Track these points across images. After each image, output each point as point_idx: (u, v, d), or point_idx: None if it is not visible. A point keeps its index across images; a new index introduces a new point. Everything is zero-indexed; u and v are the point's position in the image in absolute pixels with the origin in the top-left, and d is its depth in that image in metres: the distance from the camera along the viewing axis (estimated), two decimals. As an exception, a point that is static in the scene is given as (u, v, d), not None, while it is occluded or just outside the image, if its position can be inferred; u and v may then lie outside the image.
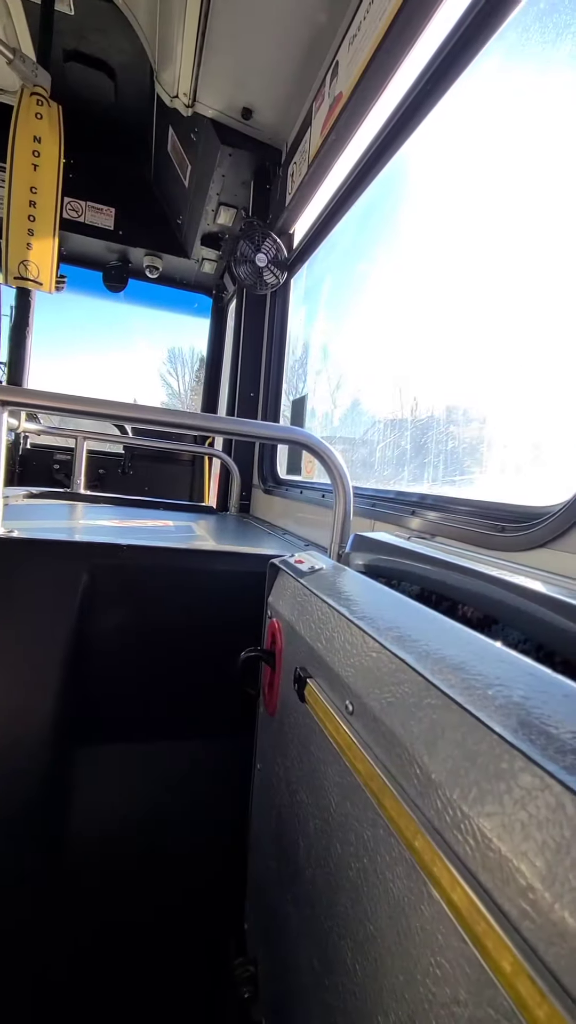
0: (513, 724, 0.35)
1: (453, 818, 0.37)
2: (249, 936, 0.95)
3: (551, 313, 1.09)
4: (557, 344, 1.07)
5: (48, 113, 2.05)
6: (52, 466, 3.10)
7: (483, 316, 1.33)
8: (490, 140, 1.35)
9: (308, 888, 0.65)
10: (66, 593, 1.02)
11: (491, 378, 1.29)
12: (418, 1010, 0.40)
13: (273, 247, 2.13)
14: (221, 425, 1.24)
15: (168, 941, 1.13)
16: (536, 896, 0.29)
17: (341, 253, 2.25)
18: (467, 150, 1.44)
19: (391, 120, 1.48)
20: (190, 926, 1.14)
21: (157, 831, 1.12)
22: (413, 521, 1.18)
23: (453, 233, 1.54)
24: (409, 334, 1.74)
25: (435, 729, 0.41)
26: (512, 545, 0.86)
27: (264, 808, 0.91)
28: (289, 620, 0.80)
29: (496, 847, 0.33)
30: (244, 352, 2.50)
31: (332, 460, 1.11)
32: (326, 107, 1.66)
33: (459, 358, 1.44)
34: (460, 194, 1.51)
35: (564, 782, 0.29)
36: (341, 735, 0.54)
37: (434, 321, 1.58)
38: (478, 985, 0.33)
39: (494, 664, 0.43)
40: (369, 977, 0.49)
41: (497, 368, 1.26)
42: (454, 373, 1.47)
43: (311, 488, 1.93)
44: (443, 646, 0.49)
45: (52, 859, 1.01)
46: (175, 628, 1.12)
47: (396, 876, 0.44)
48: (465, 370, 1.41)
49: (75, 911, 1.05)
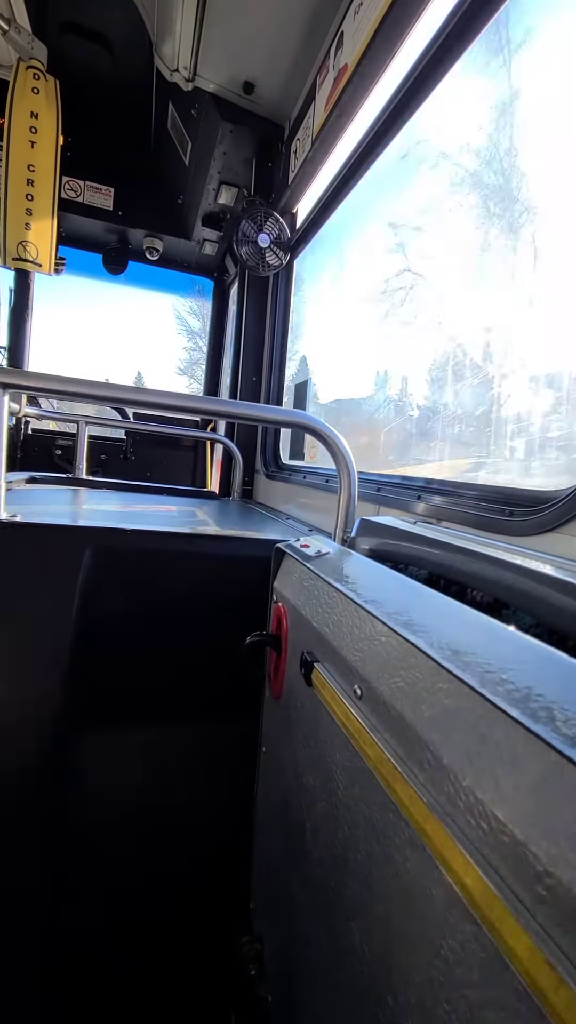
0: (529, 709, 0.34)
1: (466, 803, 0.37)
2: (255, 915, 0.96)
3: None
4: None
5: (45, 87, 2.00)
6: (54, 452, 3.08)
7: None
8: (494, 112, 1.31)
9: (315, 869, 0.65)
10: (69, 577, 1.01)
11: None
12: (428, 991, 0.40)
13: (276, 227, 2.09)
14: (224, 408, 1.22)
15: (174, 920, 1.14)
16: (554, 882, 0.29)
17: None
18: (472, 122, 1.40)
19: (398, 93, 1.43)
20: (196, 906, 1.16)
21: (161, 813, 1.13)
22: (418, 506, 1.17)
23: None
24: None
25: (447, 714, 0.41)
26: (520, 529, 0.85)
27: (269, 791, 0.91)
28: (295, 604, 0.79)
29: (511, 832, 0.32)
30: (246, 335, 2.47)
31: (337, 444, 1.10)
32: (330, 80, 1.61)
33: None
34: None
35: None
36: (350, 720, 0.54)
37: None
38: (491, 968, 0.33)
39: (507, 648, 0.43)
40: (377, 957, 0.49)
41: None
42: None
43: (314, 473, 1.91)
44: (454, 630, 0.48)
45: (56, 839, 1.02)
46: (179, 613, 1.12)
47: (406, 859, 0.44)
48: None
49: (80, 891, 1.06)
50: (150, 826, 1.12)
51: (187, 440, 3.40)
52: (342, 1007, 0.56)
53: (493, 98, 1.42)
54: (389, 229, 2.08)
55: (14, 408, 2.36)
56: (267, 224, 2.08)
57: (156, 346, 19.80)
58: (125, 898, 1.11)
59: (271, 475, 2.36)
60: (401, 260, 1.99)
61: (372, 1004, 0.49)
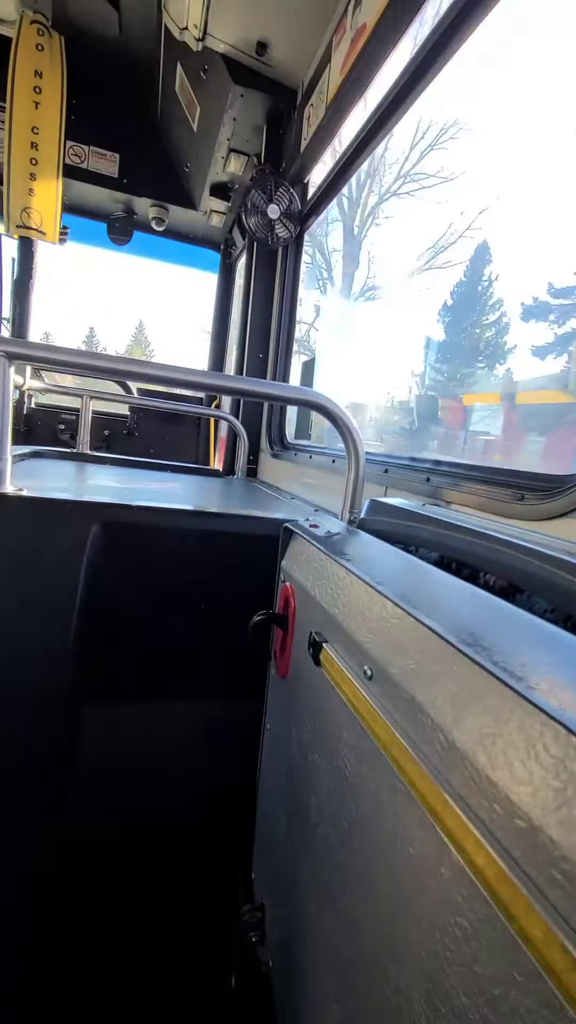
0: (546, 693, 0.34)
1: (479, 785, 0.37)
2: (257, 885, 0.98)
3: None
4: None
5: (49, 44, 1.92)
6: (57, 426, 3.06)
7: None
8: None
9: (319, 843, 0.66)
10: (75, 552, 1.01)
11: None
12: (435, 966, 0.40)
13: (286, 197, 2.03)
14: (230, 384, 1.20)
15: (177, 889, 1.17)
16: (571, 866, 0.29)
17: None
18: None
19: (419, 55, 1.36)
20: (199, 876, 1.18)
21: (165, 785, 1.15)
22: (427, 488, 1.16)
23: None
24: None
25: (462, 697, 0.41)
26: (532, 514, 0.84)
27: (273, 766, 0.93)
28: (303, 584, 0.79)
29: (525, 815, 0.32)
30: (253, 310, 2.42)
31: (346, 423, 1.08)
32: (347, 41, 1.54)
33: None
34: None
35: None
36: (359, 700, 0.54)
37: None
38: (501, 948, 0.33)
39: (523, 632, 0.42)
40: (381, 929, 0.50)
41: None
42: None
43: (320, 453, 1.90)
44: (468, 613, 0.48)
45: (60, 812, 1.04)
46: (184, 590, 1.12)
47: (415, 838, 0.44)
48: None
49: (84, 861, 1.08)
50: (154, 797, 1.14)
51: (191, 417, 3.37)
52: (342, 973, 0.58)
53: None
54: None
55: (18, 381, 2.33)
56: (277, 194, 2.02)
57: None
58: (129, 866, 1.13)
59: (276, 454, 2.34)
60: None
61: (374, 972, 0.50)
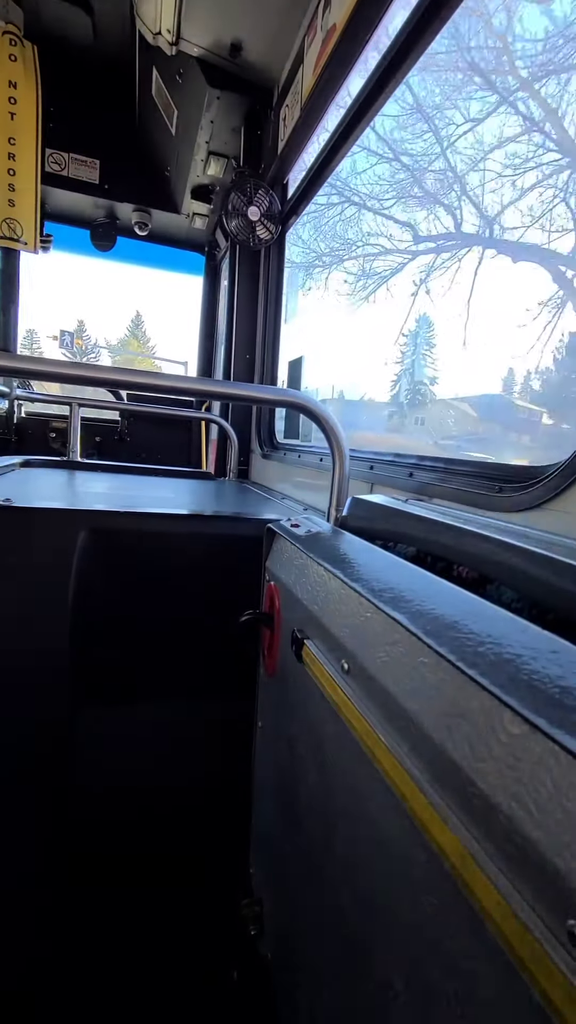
0: (503, 680, 0.36)
1: (445, 769, 0.38)
2: (255, 879, 1.00)
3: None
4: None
5: (22, 54, 1.93)
6: (48, 435, 3.07)
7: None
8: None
9: (309, 835, 0.68)
10: (64, 560, 1.02)
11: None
12: (412, 941, 0.42)
13: (266, 198, 2.04)
14: (213, 388, 1.21)
15: (177, 886, 1.19)
16: (524, 841, 0.30)
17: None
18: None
19: (388, 54, 1.38)
20: (198, 872, 1.20)
21: (163, 785, 1.17)
22: (411, 483, 1.17)
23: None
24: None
25: (428, 687, 0.42)
26: (509, 505, 0.86)
27: (266, 763, 0.94)
28: (286, 583, 0.80)
29: (485, 795, 0.34)
30: (239, 312, 2.43)
31: (329, 423, 1.09)
32: (319, 42, 1.56)
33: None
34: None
35: (550, 735, 0.30)
36: (337, 693, 0.56)
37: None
38: (466, 920, 0.35)
39: (486, 623, 0.44)
40: (366, 914, 0.51)
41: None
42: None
43: (309, 452, 1.91)
44: (437, 606, 0.49)
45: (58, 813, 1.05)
46: (173, 593, 1.13)
47: (390, 824, 0.46)
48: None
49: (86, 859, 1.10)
50: (152, 798, 1.16)
51: (182, 421, 3.37)
52: (336, 960, 0.60)
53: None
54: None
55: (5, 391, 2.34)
56: (257, 196, 2.03)
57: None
58: (128, 864, 1.15)
59: (267, 455, 2.35)
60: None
61: (363, 956, 0.52)
